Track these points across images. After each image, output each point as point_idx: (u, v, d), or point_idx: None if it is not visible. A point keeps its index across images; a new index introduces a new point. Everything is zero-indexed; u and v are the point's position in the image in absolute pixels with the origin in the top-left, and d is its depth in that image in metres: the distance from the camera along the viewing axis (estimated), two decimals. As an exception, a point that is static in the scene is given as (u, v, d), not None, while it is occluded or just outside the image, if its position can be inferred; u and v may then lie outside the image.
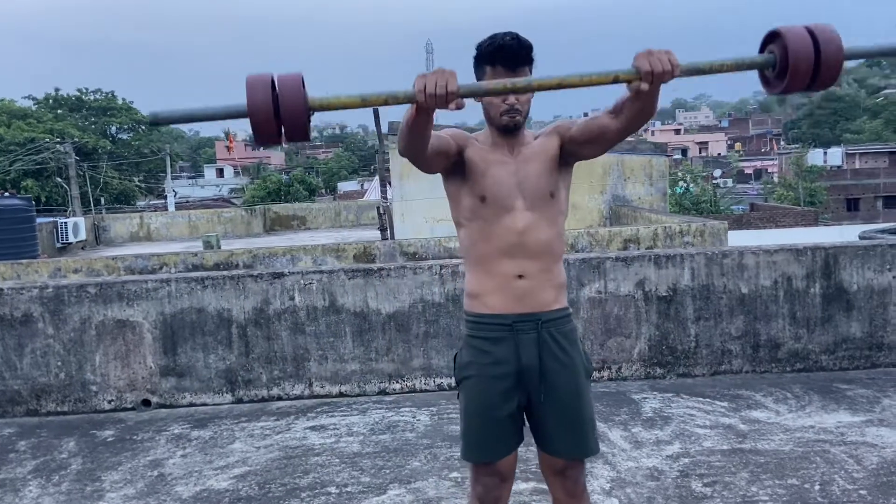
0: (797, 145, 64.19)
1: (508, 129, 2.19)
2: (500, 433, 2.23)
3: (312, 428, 4.49)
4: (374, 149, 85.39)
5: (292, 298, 4.99)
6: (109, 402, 4.96)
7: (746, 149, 74.32)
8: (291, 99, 1.63)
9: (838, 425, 4.14)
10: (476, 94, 1.86)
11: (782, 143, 74.18)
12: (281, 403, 4.98)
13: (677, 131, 75.62)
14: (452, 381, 5.03)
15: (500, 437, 2.23)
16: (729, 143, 77.13)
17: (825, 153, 54.18)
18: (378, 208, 10.54)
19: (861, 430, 4.04)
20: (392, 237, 9.71)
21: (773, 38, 1.81)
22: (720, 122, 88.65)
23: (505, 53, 2.09)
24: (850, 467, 3.57)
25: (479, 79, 2.17)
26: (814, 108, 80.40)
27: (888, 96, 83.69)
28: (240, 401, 5.02)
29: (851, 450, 3.78)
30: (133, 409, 4.98)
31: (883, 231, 15.12)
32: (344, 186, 50.82)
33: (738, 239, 12.44)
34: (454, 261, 5.10)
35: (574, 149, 2.22)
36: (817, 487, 3.37)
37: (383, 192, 10.34)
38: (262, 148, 2.11)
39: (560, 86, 1.78)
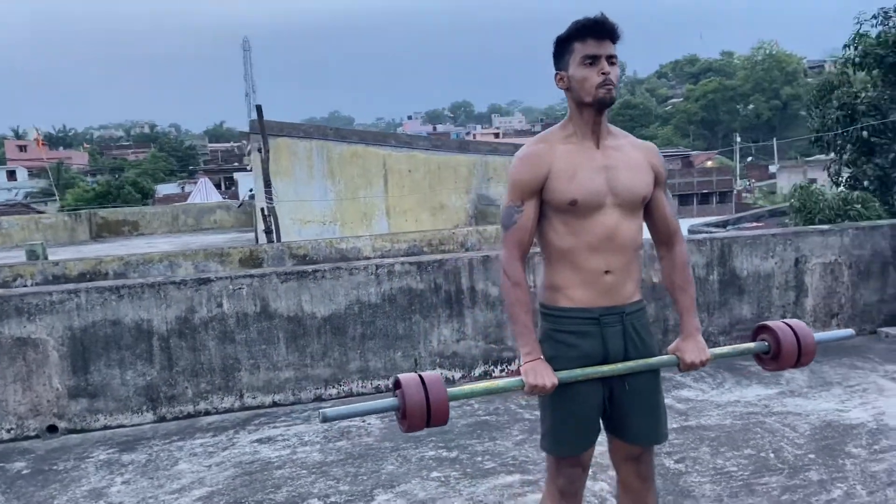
0: (602, 149, 69.18)
1: (604, 103, 2.13)
2: (586, 426, 2.24)
3: (259, 440, 4.24)
4: (190, 149, 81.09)
5: (220, 305, 4.66)
6: (9, 430, 4.36)
7: (560, 152, 78.91)
8: (439, 398, 2.04)
9: (759, 398, 4.58)
10: (572, 379, 2.18)
11: (589, 146, 79.61)
12: (211, 418, 4.64)
13: (496, 135, 78.90)
14: (390, 383, 4.97)
15: (586, 430, 2.25)
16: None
17: (629, 156, 59.07)
18: (262, 210, 10.08)
19: (780, 402, 4.49)
20: (278, 239, 9.31)
21: (763, 329, 2.47)
22: (533, 126, 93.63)
23: (596, 25, 2.12)
24: (790, 434, 3.96)
25: (565, 61, 2.19)
26: (613, 114, 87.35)
27: (676, 105, 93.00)
28: (163, 419, 4.61)
29: (782, 419, 4.19)
30: (38, 436, 4.41)
31: (708, 224, 16.83)
32: (163, 189, 47.68)
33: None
34: (388, 260, 5.03)
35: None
36: (772, 455, 3.71)
37: (268, 192, 9.90)
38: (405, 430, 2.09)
39: (630, 370, 2.24)
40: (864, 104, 11.83)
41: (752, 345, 2.46)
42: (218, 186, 44.32)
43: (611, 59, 2.14)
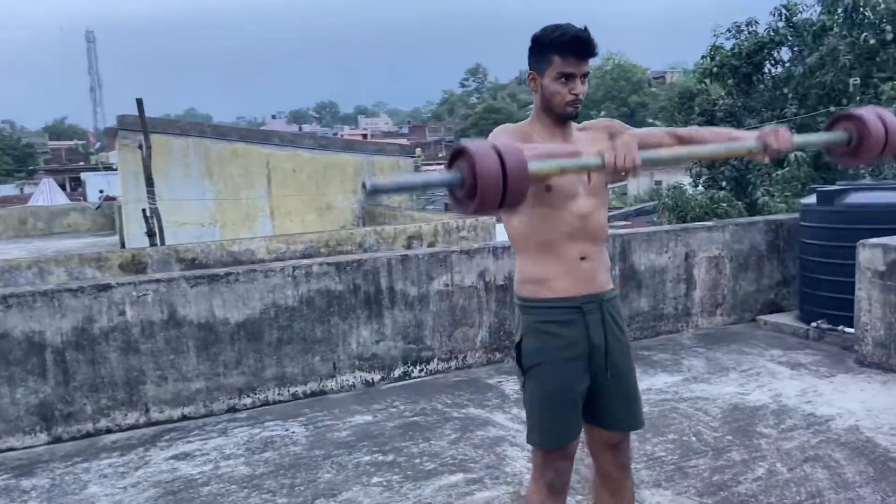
0: (467, 151, 70.38)
1: (570, 117, 2.23)
2: (574, 415, 2.27)
3: (175, 457, 3.96)
4: (29, 147, 74.67)
5: (122, 314, 4.31)
6: None
7: (426, 154, 79.81)
8: (518, 166, 1.61)
9: (668, 386, 4.81)
10: (653, 163, 2.01)
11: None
12: (114, 437, 4.28)
13: (364, 136, 78.51)
14: (308, 389, 4.81)
15: (574, 419, 2.27)
16: (411, 148, 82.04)
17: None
18: (144, 211, 9.38)
19: (688, 388, 4.75)
20: (162, 242, 8.70)
21: (842, 119, 2.25)
22: (400, 128, 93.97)
23: (580, 44, 2.13)
24: (704, 419, 4.19)
25: (542, 67, 2.20)
26: (478, 118, 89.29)
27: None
28: (58, 439, 4.21)
29: (693, 405, 4.43)
30: (-89, 468, 3.89)
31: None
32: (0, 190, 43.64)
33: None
34: (306, 261, 4.85)
35: None
36: (693, 438, 3.91)
37: (150, 191, 9.22)
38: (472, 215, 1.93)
39: (710, 155, 2.27)
40: (722, 111, 12.83)
41: (831, 134, 2.25)
42: (63, 187, 41.20)
43: (584, 77, 2.18)
